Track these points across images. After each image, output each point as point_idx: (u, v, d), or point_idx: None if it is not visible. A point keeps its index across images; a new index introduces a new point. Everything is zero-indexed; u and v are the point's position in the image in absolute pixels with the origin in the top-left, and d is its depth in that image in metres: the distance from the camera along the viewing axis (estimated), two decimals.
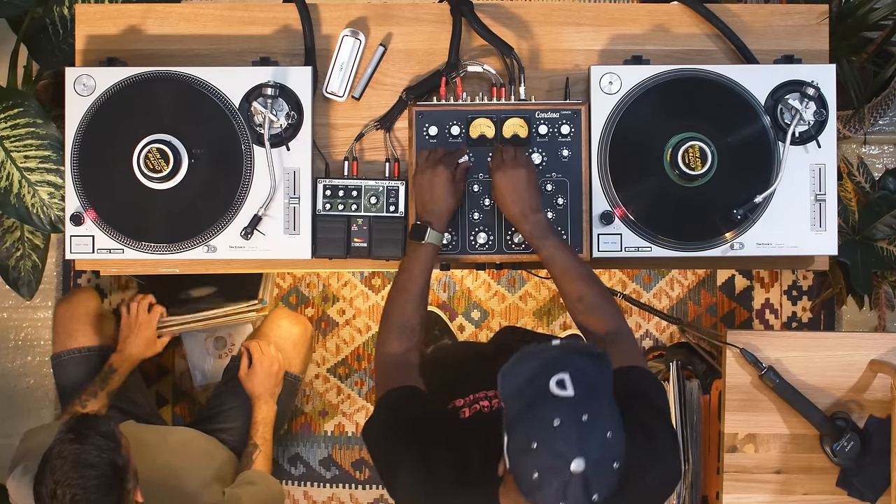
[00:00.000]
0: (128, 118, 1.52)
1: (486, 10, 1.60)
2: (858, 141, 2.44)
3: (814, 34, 1.62)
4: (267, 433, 2.08)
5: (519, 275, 2.48)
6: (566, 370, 1.04)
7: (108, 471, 1.46)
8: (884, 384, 1.72)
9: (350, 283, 2.49)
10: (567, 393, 1.03)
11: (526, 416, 1.04)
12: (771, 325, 2.48)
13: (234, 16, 1.62)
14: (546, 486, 1.02)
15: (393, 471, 1.22)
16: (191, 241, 1.52)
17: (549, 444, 1.01)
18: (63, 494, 1.44)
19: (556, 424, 1.01)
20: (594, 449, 1.01)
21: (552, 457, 1.01)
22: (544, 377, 1.04)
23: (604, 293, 1.37)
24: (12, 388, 2.49)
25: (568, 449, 1.01)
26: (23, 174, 1.80)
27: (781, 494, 1.75)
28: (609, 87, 1.54)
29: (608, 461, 1.03)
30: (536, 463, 1.02)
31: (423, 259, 1.41)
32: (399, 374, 1.32)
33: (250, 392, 2.09)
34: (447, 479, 1.17)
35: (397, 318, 1.37)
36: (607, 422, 1.04)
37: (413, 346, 1.36)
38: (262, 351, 2.09)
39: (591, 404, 1.03)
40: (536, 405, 1.04)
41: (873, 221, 2.07)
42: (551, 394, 1.03)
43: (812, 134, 1.54)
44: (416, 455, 1.19)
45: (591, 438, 1.02)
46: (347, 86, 1.59)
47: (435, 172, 1.44)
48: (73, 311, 2.10)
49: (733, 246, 1.54)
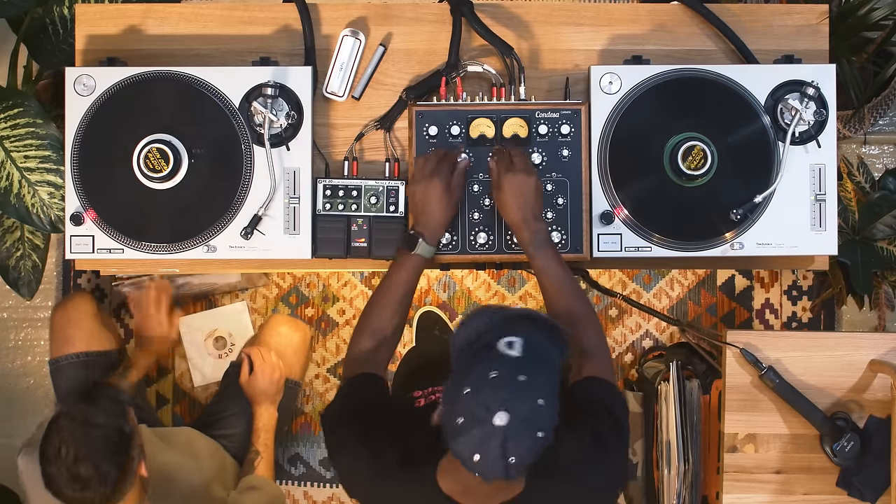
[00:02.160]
0: (128, 118, 1.52)
1: (486, 10, 1.60)
2: (858, 141, 2.44)
3: (814, 34, 1.62)
4: (268, 440, 2.08)
5: (519, 275, 2.48)
6: (519, 335, 1.08)
7: (115, 434, 1.48)
8: (884, 384, 1.72)
9: (350, 283, 2.49)
10: (512, 353, 1.06)
11: (466, 365, 1.08)
12: (771, 325, 2.48)
13: (234, 16, 1.62)
14: (466, 433, 1.04)
15: (339, 452, 1.26)
16: (191, 241, 1.52)
17: (479, 393, 1.04)
18: (67, 452, 1.45)
19: (491, 376, 1.04)
20: (521, 409, 1.03)
21: (479, 405, 1.03)
22: (496, 335, 1.08)
23: (590, 310, 1.40)
24: (12, 388, 2.49)
25: (495, 401, 1.03)
26: (23, 174, 1.80)
27: (781, 494, 1.75)
28: (609, 87, 1.54)
29: (532, 427, 1.04)
30: (464, 408, 1.05)
31: (410, 268, 1.41)
32: (362, 367, 1.35)
33: (251, 399, 2.09)
34: (392, 463, 1.21)
35: (373, 322, 1.39)
36: (543, 390, 1.06)
37: (382, 348, 1.38)
38: (263, 358, 2.09)
39: (531, 370, 1.06)
40: (480, 357, 1.07)
41: (873, 221, 2.07)
42: (497, 351, 1.06)
43: (812, 134, 1.54)
44: (361, 438, 1.24)
45: (522, 399, 1.04)
46: (347, 86, 1.59)
47: (429, 185, 1.42)
48: (69, 316, 2.09)
49: (733, 246, 1.54)
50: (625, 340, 2.48)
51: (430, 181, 1.43)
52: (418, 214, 1.44)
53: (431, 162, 1.46)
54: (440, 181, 1.43)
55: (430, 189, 1.42)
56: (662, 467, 1.97)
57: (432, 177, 1.43)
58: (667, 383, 1.96)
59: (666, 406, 1.96)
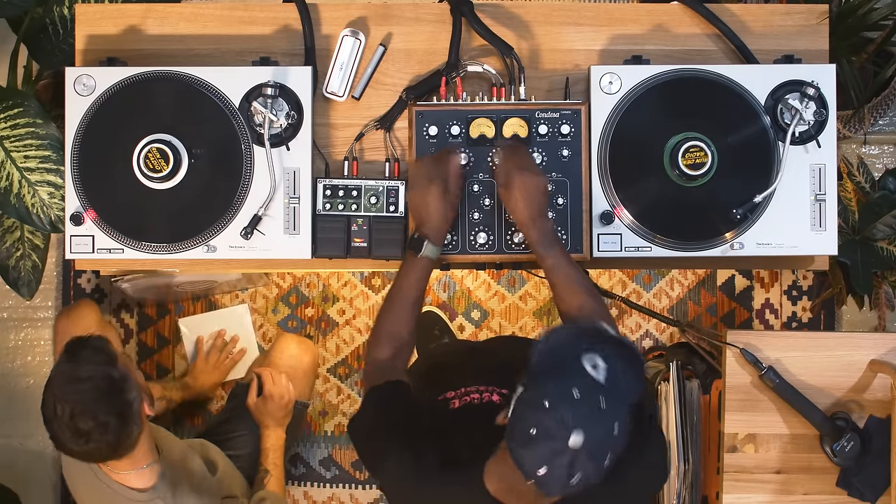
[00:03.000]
0: (128, 118, 1.52)
1: (486, 10, 1.60)
2: (858, 141, 2.44)
3: (814, 34, 1.62)
4: (277, 459, 2.07)
5: (519, 275, 2.48)
6: (607, 360, 1.06)
7: (103, 383, 1.48)
8: (884, 384, 1.72)
9: (350, 283, 2.48)
10: (597, 376, 1.05)
11: (550, 376, 1.06)
12: (771, 325, 2.48)
13: (234, 16, 1.62)
14: (537, 446, 1.03)
15: (380, 461, 1.25)
16: (191, 241, 1.52)
17: (559, 409, 1.03)
18: (62, 410, 1.46)
19: (575, 396, 1.03)
20: (597, 434, 1.03)
21: (557, 422, 1.03)
22: (584, 351, 1.06)
23: (602, 306, 1.39)
24: (12, 388, 2.49)
25: (574, 421, 1.02)
26: (23, 174, 1.80)
27: (781, 494, 1.75)
28: (609, 87, 1.54)
29: (603, 451, 1.04)
30: (540, 421, 1.04)
31: (419, 270, 1.41)
32: (385, 375, 1.34)
33: (259, 421, 2.08)
34: (433, 465, 1.20)
35: (388, 327, 1.39)
36: (619, 419, 1.05)
37: (401, 354, 1.38)
38: (273, 381, 2.07)
39: (612, 398, 1.05)
40: (564, 371, 1.06)
41: (873, 221, 2.07)
42: (582, 368, 1.05)
43: (812, 134, 1.54)
44: (402, 443, 1.23)
45: (599, 423, 1.03)
46: (347, 86, 1.59)
47: (428, 189, 1.42)
48: (74, 324, 2.10)
49: (733, 246, 1.53)
50: None
51: (427, 186, 1.42)
52: (420, 220, 1.43)
53: (426, 166, 1.45)
54: (437, 184, 1.42)
55: (427, 194, 1.42)
56: None
57: (429, 181, 1.42)
58: (667, 383, 1.96)
59: (666, 406, 1.95)
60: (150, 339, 2.49)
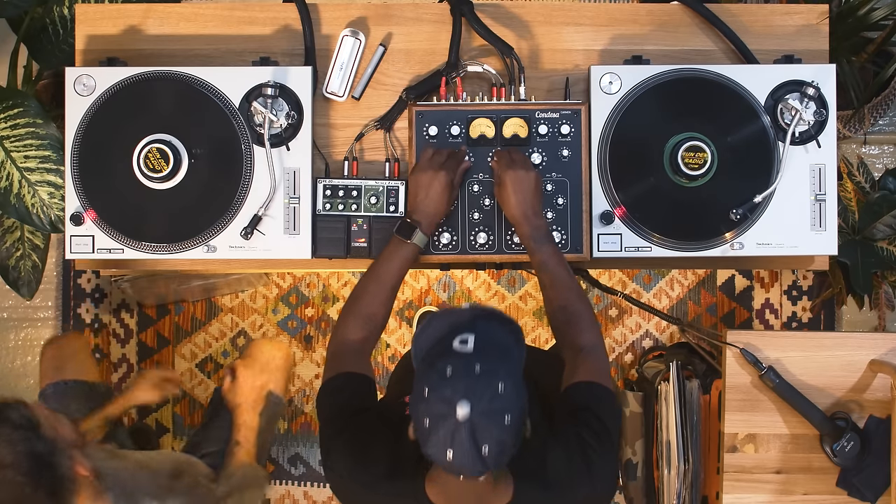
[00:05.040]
0: (128, 118, 1.52)
1: (486, 10, 1.60)
2: (858, 141, 2.44)
3: (814, 34, 1.62)
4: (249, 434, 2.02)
5: (519, 275, 2.48)
6: (472, 331, 1.09)
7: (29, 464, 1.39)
8: (884, 384, 1.72)
9: (350, 283, 2.48)
10: (466, 349, 1.07)
11: (425, 370, 1.08)
12: (771, 325, 2.49)
13: (234, 16, 1.62)
14: (434, 434, 1.04)
15: (327, 453, 1.26)
16: (191, 241, 1.52)
17: (438, 391, 1.04)
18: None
19: (448, 374, 1.05)
20: (482, 397, 1.03)
21: (440, 402, 1.04)
22: (450, 337, 1.09)
23: (588, 308, 1.39)
24: (12, 389, 2.49)
25: (454, 394, 1.03)
26: (23, 174, 1.80)
27: (781, 494, 1.75)
28: (609, 87, 1.54)
29: (497, 413, 1.04)
30: (427, 410, 1.05)
31: (404, 257, 1.41)
32: (352, 359, 1.34)
33: (232, 404, 2.04)
34: (377, 471, 1.21)
35: (365, 307, 1.38)
36: (502, 376, 1.06)
37: (371, 338, 1.38)
38: (245, 365, 2.07)
39: (487, 359, 1.06)
40: (437, 360, 1.07)
41: (873, 221, 2.07)
42: (453, 350, 1.07)
43: (812, 134, 1.54)
44: (348, 444, 1.23)
45: (481, 387, 1.04)
46: (347, 86, 1.59)
47: (436, 175, 1.44)
48: (63, 350, 2.05)
49: (733, 246, 1.54)
50: (625, 340, 2.48)
51: (437, 172, 1.44)
52: (418, 202, 1.44)
53: (441, 155, 1.48)
54: (446, 175, 1.44)
55: (435, 180, 1.43)
56: (662, 467, 1.97)
57: (441, 169, 1.44)
58: (667, 383, 1.96)
59: (666, 406, 1.95)
60: (150, 339, 2.49)
